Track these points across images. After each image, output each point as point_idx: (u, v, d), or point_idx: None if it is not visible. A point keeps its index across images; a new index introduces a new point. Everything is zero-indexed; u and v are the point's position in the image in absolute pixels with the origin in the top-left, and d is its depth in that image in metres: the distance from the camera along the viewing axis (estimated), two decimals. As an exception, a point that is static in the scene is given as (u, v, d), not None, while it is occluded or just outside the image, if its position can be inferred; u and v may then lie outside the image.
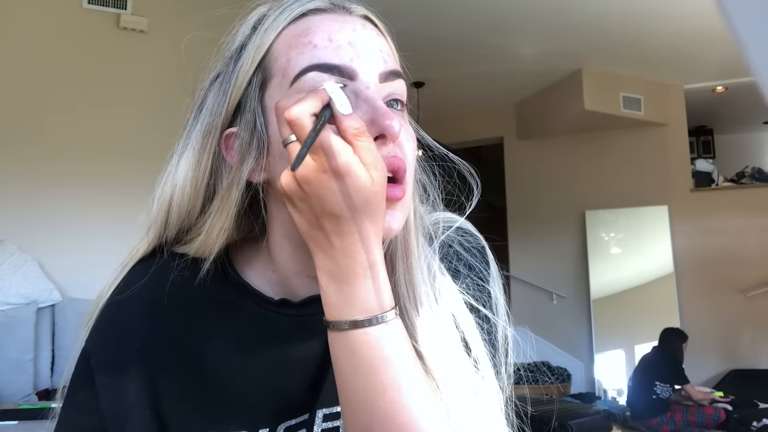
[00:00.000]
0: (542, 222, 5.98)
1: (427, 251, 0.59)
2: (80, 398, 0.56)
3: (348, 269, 0.46)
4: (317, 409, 0.57)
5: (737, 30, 0.23)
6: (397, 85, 0.55)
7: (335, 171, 0.43)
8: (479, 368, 0.56)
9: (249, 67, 0.54)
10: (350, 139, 0.44)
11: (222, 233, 0.55)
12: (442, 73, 5.14)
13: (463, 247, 0.64)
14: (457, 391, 0.53)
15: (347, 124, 0.44)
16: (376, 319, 0.47)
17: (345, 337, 0.47)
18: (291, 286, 0.59)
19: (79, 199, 3.30)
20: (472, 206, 0.65)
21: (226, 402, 0.56)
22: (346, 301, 0.47)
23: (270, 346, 0.58)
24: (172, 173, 0.58)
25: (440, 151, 0.64)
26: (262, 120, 0.53)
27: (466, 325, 0.58)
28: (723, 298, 5.23)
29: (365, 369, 0.47)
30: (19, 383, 2.72)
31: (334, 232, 0.45)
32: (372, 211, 0.45)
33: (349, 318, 0.47)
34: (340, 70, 0.51)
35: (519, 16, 4.33)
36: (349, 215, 0.44)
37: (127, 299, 0.57)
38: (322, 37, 0.52)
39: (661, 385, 4.39)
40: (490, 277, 0.63)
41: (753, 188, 5.68)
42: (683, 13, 4.20)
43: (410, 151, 0.53)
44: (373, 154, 0.44)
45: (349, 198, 0.44)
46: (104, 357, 0.56)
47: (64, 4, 3.48)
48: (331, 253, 0.46)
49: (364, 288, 0.47)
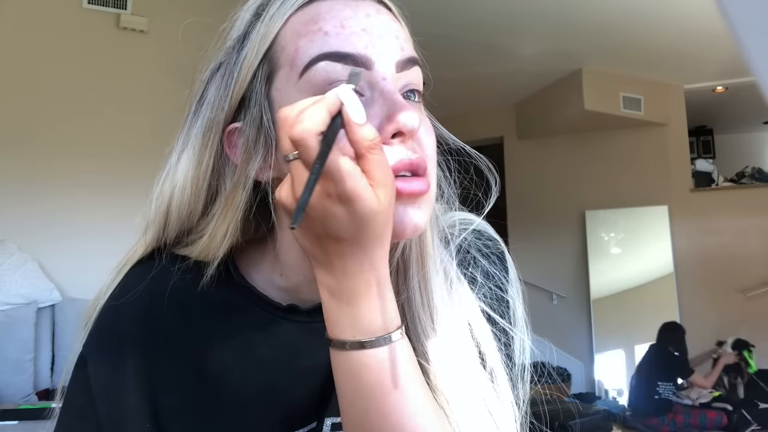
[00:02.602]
0: (542, 222, 5.98)
1: (443, 255, 0.56)
2: (78, 405, 0.53)
3: (350, 289, 0.43)
4: (325, 418, 0.55)
5: (737, 30, 0.23)
6: (415, 73, 0.51)
7: (341, 196, 0.39)
8: (495, 382, 0.53)
9: (254, 58, 0.50)
10: (362, 152, 0.40)
11: (227, 237, 0.51)
12: (442, 73, 5.13)
13: (481, 253, 0.60)
14: (470, 410, 0.50)
15: (361, 136, 0.40)
16: (380, 340, 0.44)
17: (346, 358, 0.44)
18: (300, 291, 0.55)
19: (79, 199, 3.30)
20: (491, 204, 0.60)
21: (230, 411, 0.53)
22: (348, 320, 0.44)
23: (277, 353, 0.55)
24: (171, 172, 0.54)
25: (456, 145, 0.60)
26: (269, 115, 0.50)
27: (483, 335, 0.55)
28: (723, 298, 5.22)
29: (368, 392, 0.44)
30: (19, 383, 2.72)
31: (336, 252, 0.42)
32: (378, 232, 0.42)
33: (350, 338, 0.44)
34: (354, 59, 0.47)
35: (519, 16, 4.32)
36: (354, 238, 0.41)
37: (124, 304, 0.54)
38: (334, 23, 0.48)
39: (664, 384, 4.39)
40: (510, 286, 0.60)
41: (753, 188, 5.67)
42: (684, 13, 4.20)
43: (430, 146, 0.50)
44: (384, 169, 0.41)
45: (354, 222, 0.40)
46: (101, 365, 0.53)
47: (64, 4, 3.48)
48: (333, 271, 0.43)
49: (368, 308, 0.44)
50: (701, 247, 5.35)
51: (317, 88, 0.47)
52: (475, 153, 0.61)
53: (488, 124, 6.33)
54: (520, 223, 6.06)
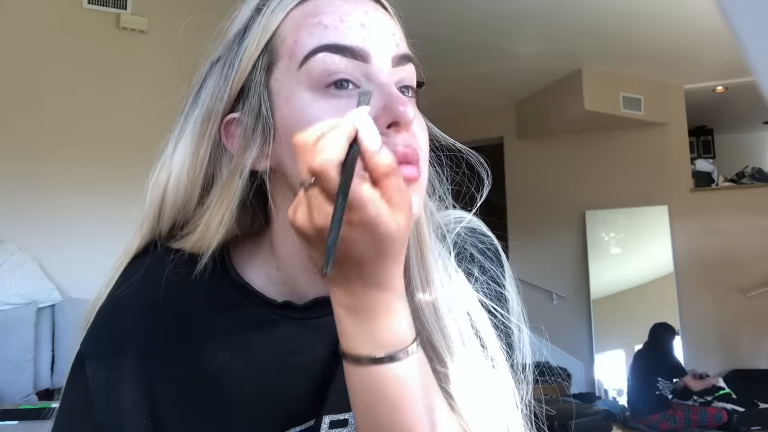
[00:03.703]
0: (542, 222, 5.98)
1: (440, 249, 0.57)
2: (76, 404, 0.53)
3: (368, 306, 0.43)
4: (324, 415, 0.54)
5: (737, 30, 0.23)
6: (409, 70, 0.53)
7: (362, 223, 0.39)
8: (496, 369, 0.54)
9: (254, 49, 0.51)
10: (380, 178, 0.39)
11: (222, 226, 0.52)
12: (442, 73, 5.13)
13: (477, 249, 0.61)
14: (474, 401, 0.51)
15: (377, 162, 0.39)
16: (399, 354, 0.44)
17: (364, 373, 0.44)
18: (296, 284, 0.56)
19: (79, 199, 3.30)
20: (483, 198, 0.62)
21: (227, 408, 0.53)
22: (366, 336, 0.43)
23: (273, 351, 0.55)
24: (167, 162, 0.55)
25: (447, 142, 0.61)
26: (268, 105, 0.51)
27: (483, 325, 0.56)
28: (723, 298, 5.22)
29: (389, 405, 0.44)
30: (19, 383, 2.72)
31: (354, 274, 0.42)
32: (396, 253, 0.42)
33: (369, 354, 0.43)
34: (352, 52, 0.49)
35: (519, 16, 4.32)
36: (374, 261, 0.41)
37: (122, 302, 0.55)
38: (333, 17, 0.49)
39: (663, 381, 4.39)
40: (505, 280, 0.61)
41: (753, 188, 5.67)
42: (683, 13, 4.20)
43: (423, 141, 0.51)
44: (401, 193, 0.40)
45: (375, 246, 0.40)
46: (99, 364, 0.53)
47: (64, 4, 3.48)
48: (351, 291, 0.43)
49: (386, 323, 0.43)
50: (701, 247, 5.35)
51: (316, 79, 0.49)
52: (466, 149, 0.62)
53: (488, 124, 6.33)
54: (520, 223, 6.06)
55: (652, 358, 4.52)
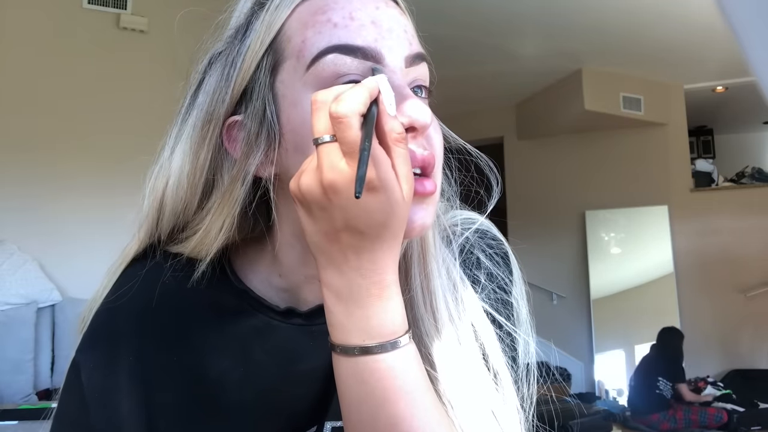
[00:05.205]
0: (542, 222, 5.98)
1: (445, 255, 0.55)
2: (71, 412, 0.51)
3: (361, 290, 0.42)
4: (326, 422, 0.53)
5: (737, 30, 0.23)
6: (422, 69, 0.50)
7: (371, 184, 0.38)
8: (498, 385, 0.52)
9: (258, 48, 0.48)
10: (390, 144, 0.39)
11: (222, 233, 0.49)
12: (442, 73, 5.11)
13: (485, 254, 0.58)
14: (473, 414, 0.49)
15: (391, 127, 0.39)
16: (389, 345, 0.42)
17: (353, 363, 0.43)
18: (299, 292, 0.54)
19: (78, 199, 3.30)
20: (494, 202, 0.59)
21: (228, 416, 0.52)
22: (356, 324, 0.42)
23: (275, 358, 0.53)
24: (164, 166, 0.52)
25: (457, 143, 0.58)
26: (273, 108, 0.47)
27: (487, 338, 0.53)
28: (723, 298, 5.22)
29: (375, 399, 0.42)
30: (19, 383, 2.72)
31: (352, 248, 0.41)
32: (397, 229, 0.41)
33: (359, 343, 0.42)
34: (363, 53, 0.45)
35: (519, 16, 4.32)
36: (375, 232, 0.40)
37: (118, 307, 0.52)
38: (342, 14, 0.46)
39: (664, 381, 4.40)
40: (513, 287, 0.58)
41: (753, 188, 5.67)
42: (683, 13, 4.20)
43: (438, 143, 0.48)
44: (407, 165, 0.40)
45: (379, 214, 0.39)
46: (95, 371, 0.51)
47: (64, 4, 3.48)
48: (345, 270, 0.42)
49: (378, 311, 0.42)
50: (701, 247, 5.35)
51: (325, 81, 0.45)
52: (476, 151, 0.59)
53: (488, 124, 6.33)
54: (520, 223, 6.05)
55: (655, 359, 4.52)
